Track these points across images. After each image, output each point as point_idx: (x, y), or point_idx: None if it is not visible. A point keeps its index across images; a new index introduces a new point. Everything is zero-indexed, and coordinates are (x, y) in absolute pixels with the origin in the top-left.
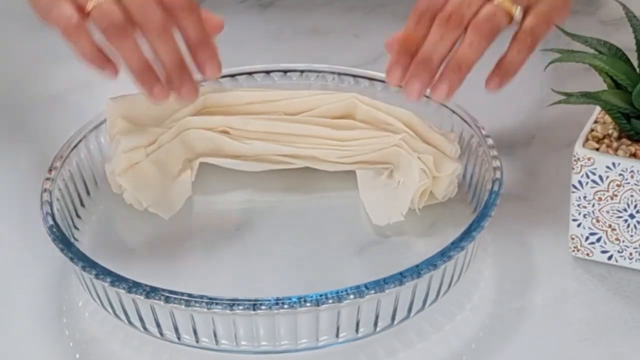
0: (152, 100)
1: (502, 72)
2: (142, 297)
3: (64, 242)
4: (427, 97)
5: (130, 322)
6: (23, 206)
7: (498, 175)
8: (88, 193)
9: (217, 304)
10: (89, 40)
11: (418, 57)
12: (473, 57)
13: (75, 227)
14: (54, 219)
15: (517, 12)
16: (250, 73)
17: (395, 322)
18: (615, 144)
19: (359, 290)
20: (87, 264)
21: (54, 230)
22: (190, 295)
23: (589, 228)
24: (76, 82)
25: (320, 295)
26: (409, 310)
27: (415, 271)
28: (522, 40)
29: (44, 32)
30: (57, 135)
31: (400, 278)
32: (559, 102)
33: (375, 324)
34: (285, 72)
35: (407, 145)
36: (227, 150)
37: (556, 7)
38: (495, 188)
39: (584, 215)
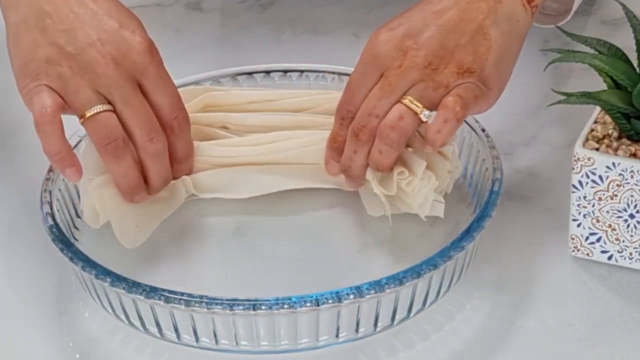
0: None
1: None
2: (141, 297)
3: (64, 242)
4: None
5: (130, 322)
6: (23, 206)
7: (498, 175)
8: None
9: (217, 304)
10: (59, 138)
11: (342, 166)
12: (386, 161)
13: (75, 227)
14: (54, 219)
15: (424, 116)
16: (250, 73)
17: (395, 322)
18: (615, 144)
19: (359, 290)
20: (87, 263)
21: (54, 230)
22: (190, 295)
23: (589, 228)
24: None
25: (320, 295)
26: (409, 310)
27: (415, 271)
28: (451, 107)
29: None
30: None
31: (400, 278)
32: (559, 102)
33: (375, 324)
34: (285, 72)
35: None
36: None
37: (479, 89)
38: (495, 188)
39: (584, 215)
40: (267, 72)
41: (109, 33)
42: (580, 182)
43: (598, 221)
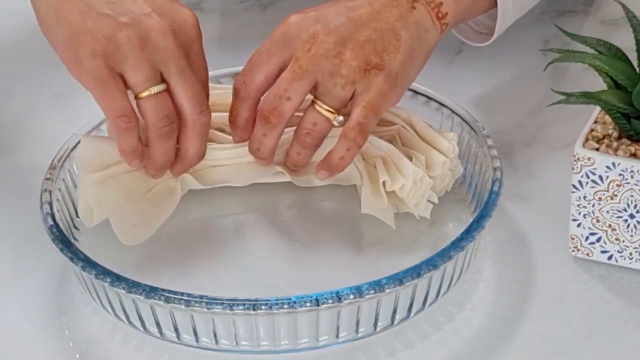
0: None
1: (330, 168)
2: (141, 297)
3: (64, 242)
4: (427, 97)
5: (130, 322)
6: (23, 206)
7: (498, 175)
8: None
9: (217, 304)
10: (137, 138)
11: (250, 148)
12: (303, 160)
13: (75, 227)
14: (53, 219)
15: (337, 121)
16: None
17: (395, 322)
18: (615, 144)
19: (359, 290)
20: (87, 263)
21: (54, 230)
22: (190, 295)
23: (589, 228)
24: (76, 82)
25: (320, 295)
26: (409, 310)
27: (415, 271)
28: (351, 139)
29: None
30: (57, 135)
31: (400, 278)
32: (559, 102)
33: (375, 324)
34: None
35: (400, 141)
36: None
37: (384, 93)
38: (495, 188)
39: (584, 215)
40: None
41: (162, 5)
42: (580, 182)
43: (598, 221)
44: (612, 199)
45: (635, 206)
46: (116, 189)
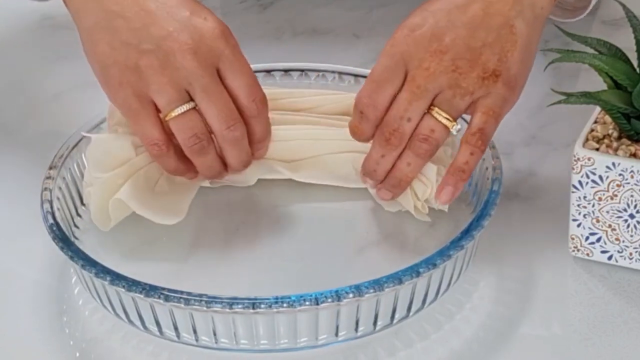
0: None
1: (455, 178)
2: (141, 296)
3: (64, 240)
4: None
5: (129, 321)
6: (23, 205)
7: (498, 174)
8: None
9: (216, 302)
10: (175, 159)
11: (364, 169)
12: (411, 175)
13: (76, 226)
14: (54, 218)
15: (455, 130)
16: None
17: (395, 321)
18: (615, 144)
19: (359, 289)
20: (87, 262)
21: (54, 228)
22: (189, 294)
23: (589, 228)
24: (76, 81)
25: (320, 294)
26: (409, 309)
27: (415, 270)
28: (473, 143)
29: (45, 32)
30: (57, 134)
31: (399, 277)
32: (559, 102)
33: (375, 323)
34: (285, 71)
35: None
36: None
37: (503, 98)
38: (495, 188)
39: (584, 215)
40: (268, 71)
41: (182, 23)
42: (580, 182)
43: (598, 221)
44: (612, 199)
45: (635, 206)
46: (132, 191)
